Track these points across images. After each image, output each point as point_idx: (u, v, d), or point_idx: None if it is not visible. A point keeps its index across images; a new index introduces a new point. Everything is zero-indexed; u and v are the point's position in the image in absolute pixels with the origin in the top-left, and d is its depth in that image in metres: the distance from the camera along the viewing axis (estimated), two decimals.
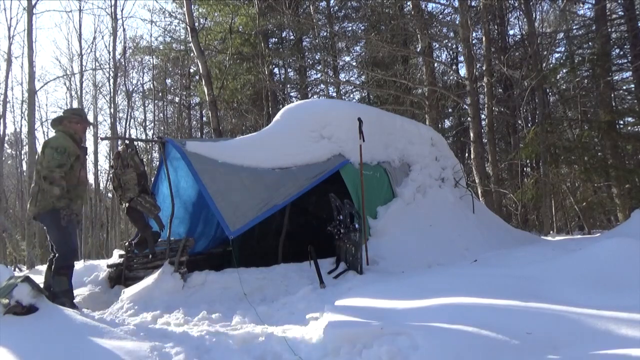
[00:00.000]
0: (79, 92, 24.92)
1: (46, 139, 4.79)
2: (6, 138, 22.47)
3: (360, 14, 16.65)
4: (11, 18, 29.67)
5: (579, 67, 13.19)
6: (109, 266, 5.78)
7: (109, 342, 2.52)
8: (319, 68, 17.91)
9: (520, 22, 17.30)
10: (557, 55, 15.49)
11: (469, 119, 12.85)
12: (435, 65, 14.93)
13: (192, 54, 17.85)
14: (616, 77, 13.97)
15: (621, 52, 13.77)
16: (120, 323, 3.92)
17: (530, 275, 3.71)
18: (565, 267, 3.75)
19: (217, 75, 16.12)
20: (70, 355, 2.35)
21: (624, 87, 14.32)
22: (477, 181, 12.02)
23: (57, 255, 4.41)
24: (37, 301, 2.79)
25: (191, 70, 22.53)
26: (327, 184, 5.88)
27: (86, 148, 4.92)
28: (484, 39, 13.30)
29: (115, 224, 24.62)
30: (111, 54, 22.88)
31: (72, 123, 4.63)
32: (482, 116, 13.28)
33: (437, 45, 16.89)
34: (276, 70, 19.68)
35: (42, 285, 4.27)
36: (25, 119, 20.37)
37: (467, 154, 17.57)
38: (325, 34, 17.28)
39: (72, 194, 4.39)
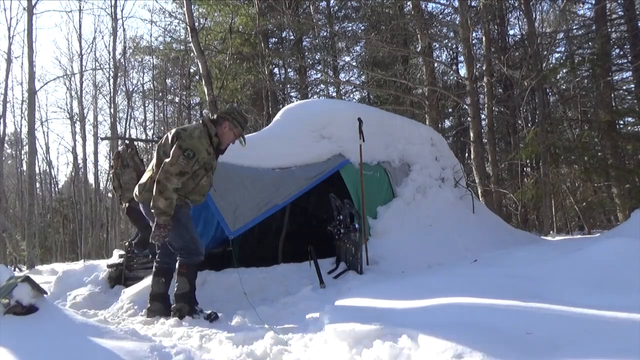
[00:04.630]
0: (79, 92, 25.01)
1: (183, 126, 4.08)
2: (6, 138, 22.51)
3: (360, 14, 16.66)
4: (11, 18, 29.78)
5: (579, 67, 13.21)
6: (109, 266, 5.78)
7: (109, 342, 2.52)
8: (319, 68, 17.92)
9: (520, 22, 17.34)
10: (557, 55, 15.53)
11: (469, 119, 12.86)
12: (435, 65, 14.93)
13: (192, 54, 17.87)
14: (616, 77, 14.00)
15: (621, 52, 13.79)
16: (120, 323, 3.93)
17: (530, 275, 3.70)
18: (565, 267, 3.75)
19: (217, 75, 16.13)
20: (70, 355, 2.34)
21: (624, 87, 14.34)
22: (477, 181, 12.03)
23: (178, 254, 3.89)
24: (37, 301, 2.78)
25: (191, 70, 22.56)
26: (327, 184, 5.88)
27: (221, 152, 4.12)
28: (484, 39, 13.31)
29: (115, 224, 24.67)
30: (111, 54, 22.97)
31: (224, 128, 3.92)
32: (482, 116, 13.29)
33: (437, 45, 16.91)
34: (276, 70, 19.69)
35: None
36: (25, 119, 20.43)
37: (467, 154, 17.58)
38: (325, 34, 17.28)
39: (181, 195, 3.80)
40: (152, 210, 3.68)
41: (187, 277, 3.89)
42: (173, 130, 3.96)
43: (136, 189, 4.01)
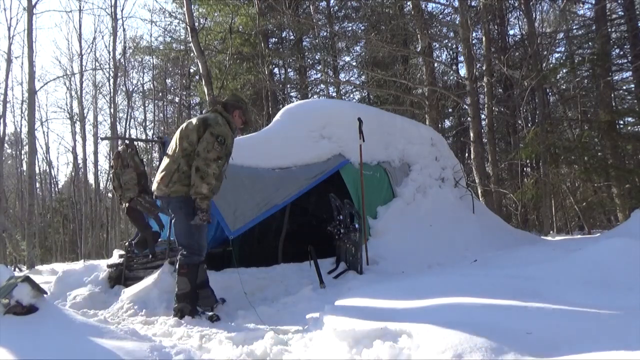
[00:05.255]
0: (79, 92, 25.01)
1: (202, 115, 4.12)
2: (6, 138, 22.49)
3: (360, 14, 16.66)
4: (11, 18, 29.73)
5: (579, 67, 13.20)
6: (109, 266, 5.78)
7: (109, 342, 2.52)
8: (319, 68, 17.92)
9: (520, 22, 17.34)
10: (557, 55, 15.52)
11: (469, 119, 12.86)
12: (435, 65, 14.94)
13: (192, 54, 17.87)
14: (616, 77, 13.99)
15: (621, 52, 13.78)
16: (120, 323, 3.93)
17: (531, 275, 3.71)
18: (565, 267, 3.75)
19: (217, 75, 16.13)
20: (70, 355, 2.34)
21: (624, 87, 14.33)
22: (477, 181, 12.03)
23: (182, 250, 3.99)
24: (37, 301, 2.78)
25: (191, 70, 22.55)
26: (327, 184, 5.88)
27: None
28: (484, 39, 13.31)
29: (115, 224, 24.67)
30: (111, 54, 22.99)
31: (235, 116, 4.14)
32: (482, 116, 13.28)
33: (437, 45, 16.91)
34: (276, 70, 19.69)
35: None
36: (25, 119, 20.43)
37: (467, 154, 17.58)
38: (325, 34, 17.28)
39: None
40: (195, 197, 3.78)
41: (188, 277, 3.92)
42: (195, 120, 4.02)
43: (158, 182, 4.00)
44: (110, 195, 24.91)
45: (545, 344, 2.22)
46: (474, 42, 13.61)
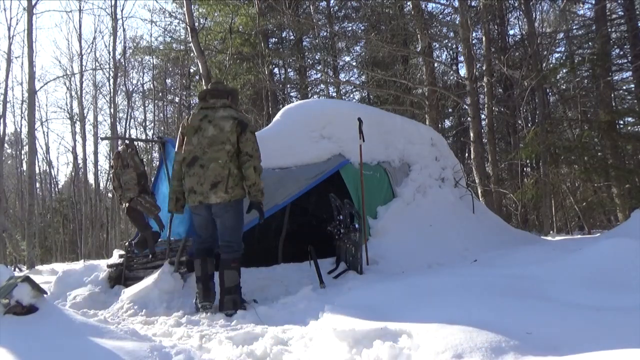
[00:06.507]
0: (79, 92, 25.03)
1: (226, 114, 4.12)
2: (6, 138, 22.50)
3: (360, 14, 16.66)
4: (11, 18, 29.77)
5: (579, 67, 13.20)
6: (109, 266, 5.78)
7: (109, 342, 2.52)
8: (319, 68, 17.92)
9: (520, 22, 17.33)
10: (557, 55, 15.52)
11: (469, 119, 12.86)
12: (435, 65, 14.93)
13: (192, 54, 17.87)
14: (616, 77, 13.98)
15: (621, 52, 13.78)
16: (120, 323, 3.93)
17: (531, 275, 3.71)
18: (565, 267, 3.76)
19: (217, 75, 16.12)
20: (70, 355, 2.34)
21: (624, 87, 14.33)
22: (477, 181, 12.02)
23: (225, 247, 4.09)
24: (37, 301, 2.78)
25: (191, 70, 22.54)
26: (327, 184, 5.88)
27: None
28: (484, 39, 13.31)
29: (115, 224, 24.68)
30: (111, 54, 23.02)
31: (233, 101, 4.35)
32: (482, 116, 13.28)
33: (437, 45, 16.91)
34: (276, 70, 19.69)
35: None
36: (25, 119, 20.44)
37: (467, 154, 17.58)
38: (325, 34, 17.28)
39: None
40: (256, 194, 4.01)
41: (238, 270, 4.12)
42: (225, 123, 4.03)
43: (211, 191, 4.00)
44: (110, 195, 24.91)
45: (545, 344, 2.23)
46: (474, 42, 13.61)
